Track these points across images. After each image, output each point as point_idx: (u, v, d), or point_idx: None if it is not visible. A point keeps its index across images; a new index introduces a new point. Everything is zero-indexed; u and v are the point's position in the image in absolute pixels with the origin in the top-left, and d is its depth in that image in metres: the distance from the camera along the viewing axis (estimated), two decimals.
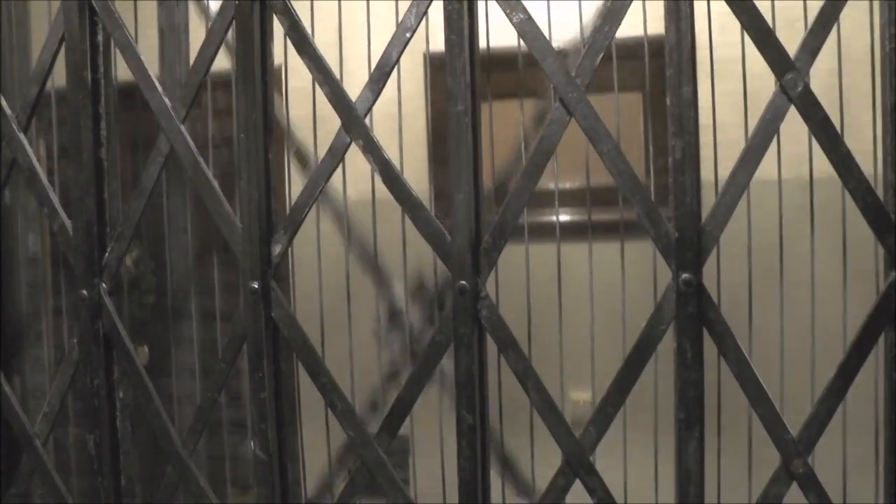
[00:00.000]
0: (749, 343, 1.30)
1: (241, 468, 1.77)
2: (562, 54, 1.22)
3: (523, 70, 1.46)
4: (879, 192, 1.14)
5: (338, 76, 1.27)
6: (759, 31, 1.15)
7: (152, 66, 1.38)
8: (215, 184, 1.34)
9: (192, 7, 2.15)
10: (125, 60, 1.37)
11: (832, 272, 1.44)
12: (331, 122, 1.28)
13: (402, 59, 1.24)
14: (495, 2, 1.20)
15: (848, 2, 1.14)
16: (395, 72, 1.24)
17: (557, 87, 1.18)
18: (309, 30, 1.29)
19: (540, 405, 1.22)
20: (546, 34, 1.18)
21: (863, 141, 1.28)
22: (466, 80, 1.19)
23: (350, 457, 1.71)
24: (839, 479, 1.37)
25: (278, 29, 1.29)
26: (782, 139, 1.22)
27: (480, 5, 1.22)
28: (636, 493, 1.52)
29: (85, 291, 1.41)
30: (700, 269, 1.16)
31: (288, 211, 1.30)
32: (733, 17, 1.15)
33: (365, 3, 1.56)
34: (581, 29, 1.65)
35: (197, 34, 1.95)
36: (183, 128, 1.33)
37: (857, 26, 1.33)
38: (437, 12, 1.22)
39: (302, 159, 2.00)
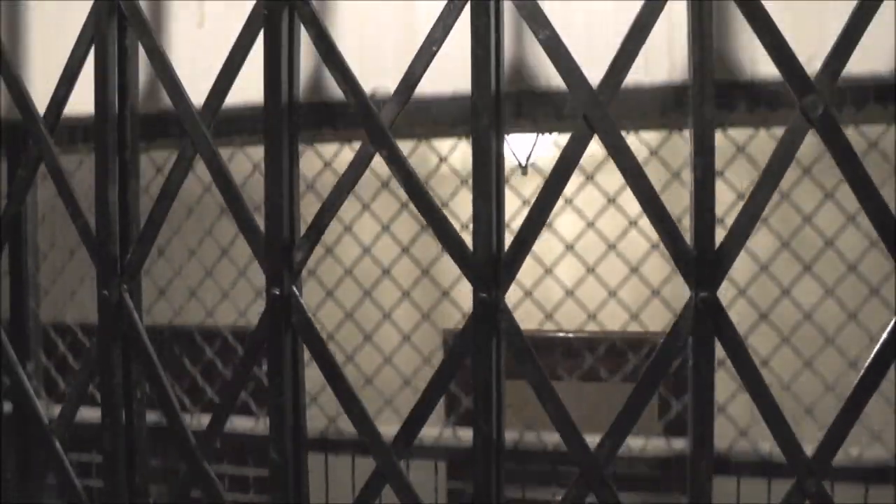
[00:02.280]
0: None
1: None
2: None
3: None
4: None
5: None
6: (780, 52, 1.16)
7: None
8: (238, 189, 1.35)
9: None
10: (152, 65, 1.39)
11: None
12: None
13: None
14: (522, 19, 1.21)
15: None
16: None
17: (580, 104, 1.20)
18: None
19: (556, 416, 1.23)
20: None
21: None
22: (492, 94, 1.21)
23: None
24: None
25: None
26: None
27: (507, 20, 1.24)
28: None
29: (105, 291, 1.43)
30: (717, 288, 1.18)
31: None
32: None
33: None
34: None
35: None
36: (209, 133, 1.35)
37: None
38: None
39: None
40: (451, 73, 1.34)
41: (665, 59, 1.40)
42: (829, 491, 1.17)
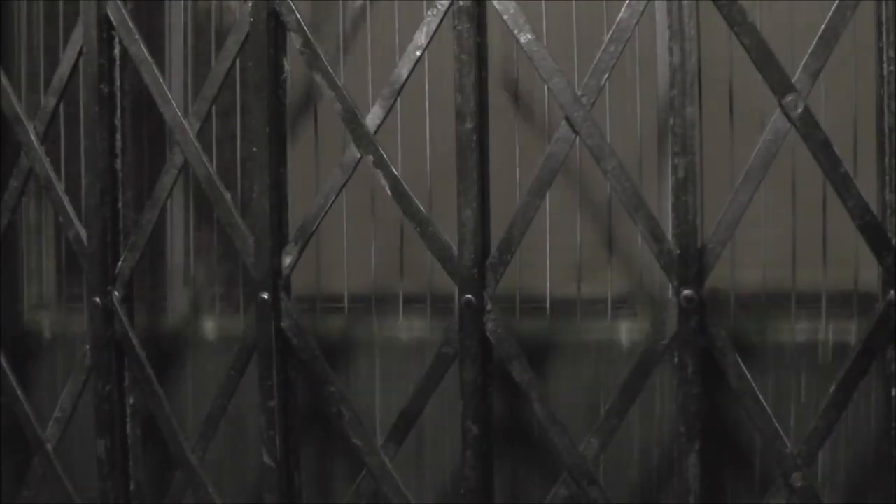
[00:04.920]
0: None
1: None
2: None
3: None
4: None
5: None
6: (761, 53, 1.17)
7: None
8: (228, 196, 1.37)
9: None
10: (141, 74, 1.41)
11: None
12: None
13: None
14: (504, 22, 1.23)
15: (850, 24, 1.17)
16: None
17: (563, 106, 1.21)
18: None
19: (544, 416, 1.24)
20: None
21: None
22: (476, 98, 1.22)
23: None
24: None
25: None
26: None
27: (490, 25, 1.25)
28: None
29: (98, 299, 1.44)
30: (701, 286, 1.19)
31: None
32: None
33: None
34: None
35: None
36: (196, 141, 1.37)
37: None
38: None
39: None
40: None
41: None
42: None
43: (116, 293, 1.44)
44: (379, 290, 1.55)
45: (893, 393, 1.18)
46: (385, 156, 1.27)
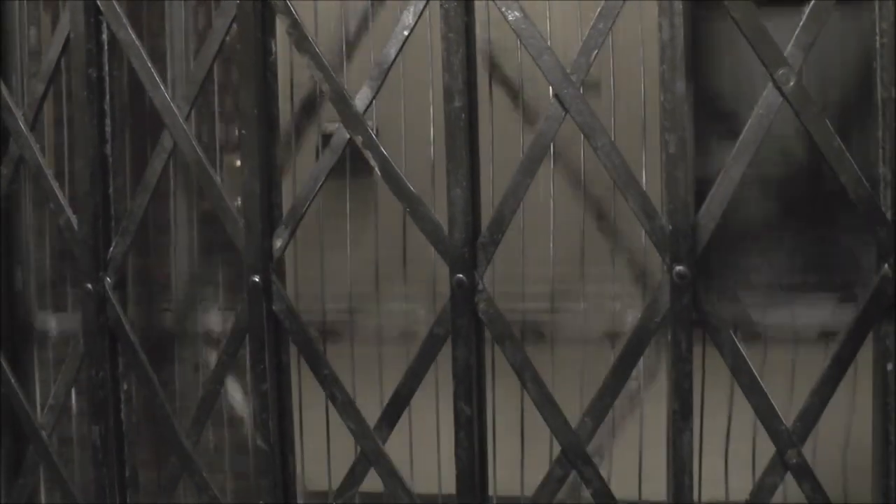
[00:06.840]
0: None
1: None
2: None
3: None
4: None
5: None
6: (752, 28, 1.16)
7: None
8: (218, 179, 1.36)
9: None
10: (130, 59, 1.40)
11: None
12: None
13: None
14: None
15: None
16: None
17: (553, 84, 1.20)
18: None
19: (537, 397, 1.24)
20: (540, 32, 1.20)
21: None
22: (464, 77, 1.21)
23: None
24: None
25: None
26: None
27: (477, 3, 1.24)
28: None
29: (90, 285, 1.44)
30: (694, 262, 1.18)
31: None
32: None
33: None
34: None
35: None
36: (186, 124, 1.36)
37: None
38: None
39: None
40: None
41: None
42: None
43: (108, 279, 1.44)
44: None
45: (889, 368, 1.17)
46: (374, 136, 1.27)
